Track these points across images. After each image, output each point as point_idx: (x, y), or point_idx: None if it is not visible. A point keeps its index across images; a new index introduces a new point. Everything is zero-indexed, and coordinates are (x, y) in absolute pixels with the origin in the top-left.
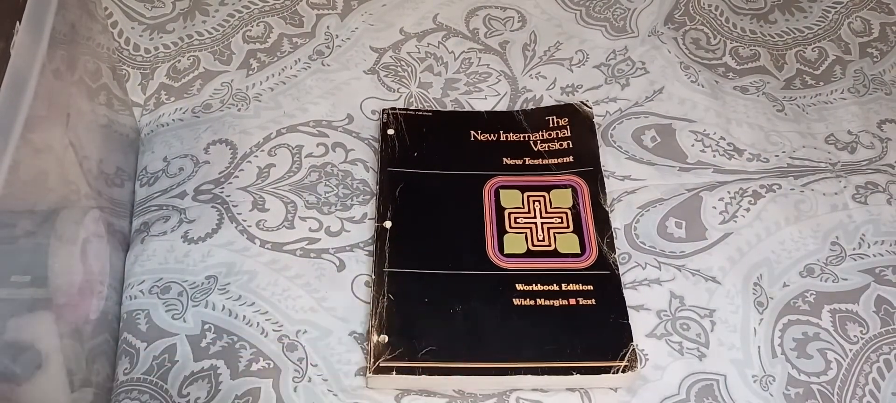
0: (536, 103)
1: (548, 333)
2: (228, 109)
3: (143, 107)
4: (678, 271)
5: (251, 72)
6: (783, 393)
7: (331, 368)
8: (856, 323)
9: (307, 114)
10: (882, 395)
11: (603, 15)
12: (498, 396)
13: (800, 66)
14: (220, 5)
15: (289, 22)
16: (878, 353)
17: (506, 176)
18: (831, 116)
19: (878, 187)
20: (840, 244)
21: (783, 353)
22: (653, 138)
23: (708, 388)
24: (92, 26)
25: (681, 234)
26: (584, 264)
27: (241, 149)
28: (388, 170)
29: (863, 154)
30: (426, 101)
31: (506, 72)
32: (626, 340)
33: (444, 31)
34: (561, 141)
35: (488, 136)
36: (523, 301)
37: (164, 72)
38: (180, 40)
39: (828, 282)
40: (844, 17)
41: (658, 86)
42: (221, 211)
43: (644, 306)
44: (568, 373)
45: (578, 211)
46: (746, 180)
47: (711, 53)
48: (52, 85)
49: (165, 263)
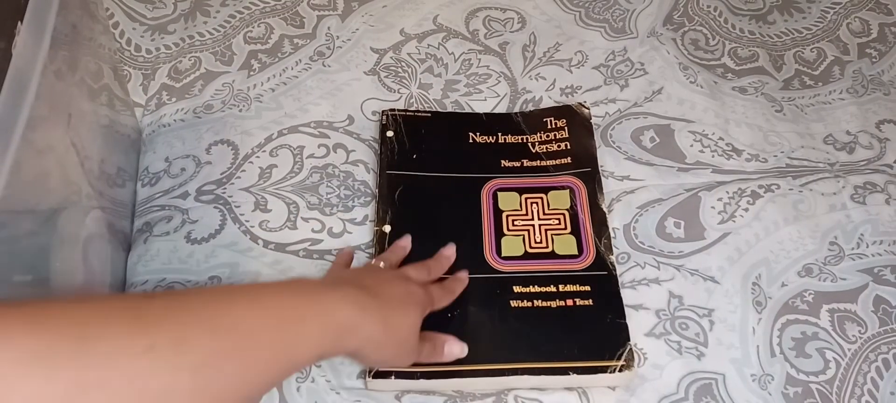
0: (536, 104)
1: (545, 334)
2: (230, 110)
3: (144, 107)
4: (677, 271)
5: (252, 73)
6: (782, 392)
7: (333, 367)
8: (854, 323)
9: (308, 115)
10: (880, 394)
11: (602, 16)
12: (496, 395)
13: (798, 66)
14: (222, 6)
15: (290, 23)
16: (877, 353)
17: (504, 178)
18: (830, 117)
19: (876, 187)
20: (838, 244)
21: (782, 353)
22: (652, 138)
23: (706, 387)
24: (93, 27)
25: (679, 234)
26: (581, 265)
27: (242, 149)
28: (387, 174)
29: (861, 154)
30: (426, 103)
31: (505, 74)
32: (623, 339)
33: (444, 32)
34: (559, 142)
35: (487, 138)
36: (521, 303)
37: (166, 73)
38: (181, 41)
39: (826, 282)
40: (843, 18)
41: (657, 86)
42: (224, 211)
43: (643, 305)
44: (565, 373)
45: (576, 212)
46: (745, 180)
47: (710, 54)
48: (53, 85)
49: (169, 263)
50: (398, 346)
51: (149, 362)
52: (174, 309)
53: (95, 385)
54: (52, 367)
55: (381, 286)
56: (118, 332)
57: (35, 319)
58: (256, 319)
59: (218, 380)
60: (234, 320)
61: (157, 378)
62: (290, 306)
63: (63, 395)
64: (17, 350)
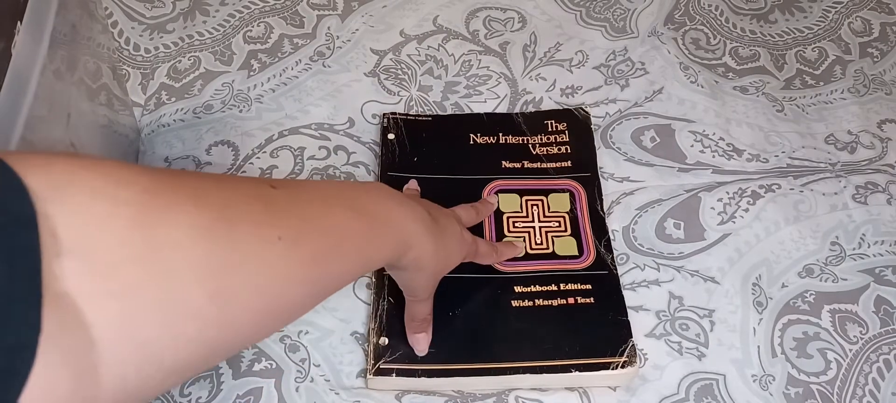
0: (536, 105)
1: (546, 332)
2: (230, 110)
3: (143, 107)
4: (677, 272)
5: (252, 73)
6: (783, 393)
7: (332, 368)
8: (855, 323)
9: (309, 117)
10: (882, 395)
11: (603, 16)
12: (497, 395)
13: (800, 66)
14: (221, 5)
15: (289, 22)
16: (878, 353)
17: (505, 179)
18: (831, 116)
19: (878, 187)
20: (840, 244)
21: (783, 353)
22: (652, 139)
23: (707, 388)
24: (92, 26)
25: (679, 235)
26: (582, 265)
27: (243, 150)
28: (388, 175)
29: (863, 154)
30: (426, 105)
31: (506, 74)
32: (625, 336)
33: (444, 33)
34: (559, 145)
35: (488, 139)
36: (522, 302)
37: (165, 73)
38: (181, 40)
39: (827, 282)
40: (844, 17)
41: (658, 86)
42: None
43: (643, 307)
44: (567, 371)
45: (576, 215)
46: (746, 180)
47: (711, 54)
48: (52, 85)
49: None
50: (434, 277)
51: (277, 251)
52: (294, 204)
53: (238, 264)
54: (212, 241)
55: (440, 214)
56: (256, 219)
57: (199, 197)
58: (351, 222)
59: (324, 272)
60: (335, 221)
61: (282, 267)
62: (374, 214)
63: (220, 267)
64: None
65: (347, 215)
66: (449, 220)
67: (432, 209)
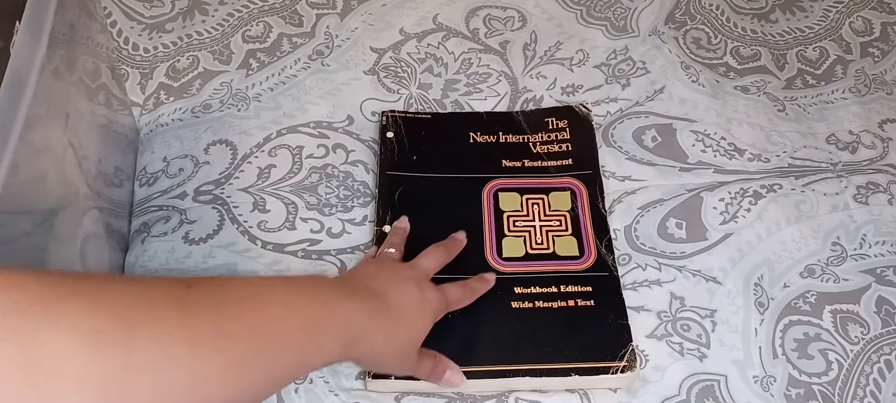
0: (537, 103)
1: (546, 334)
2: (228, 109)
3: (142, 106)
4: (678, 272)
5: (251, 72)
6: (784, 394)
7: (332, 370)
8: (857, 324)
9: (307, 115)
10: (883, 396)
11: (603, 14)
12: (497, 397)
13: (801, 65)
14: (220, 5)
15: (288, 21)
16: (879, 354)
17: (505, 178)
18: (832, 116)
19: (879, 187)
20: (841, 244)
21: (784, 354)
22: (653, 138)
23: (708, 389)
24: (91, 26)
25: (681, 235)
26: (582, 266)
27: (241, 149)
28: (387, 174)
29: (864, 154)
30: (426, 103)
31: (506, 73)
32: (625, 340)
33: (444, 31)
34: (560, 143)
35: (487, 138)
36: (522, 303)
37: (164, 72)
38: (179, 40)
39: (829, 283)
40: (845, 17)
41: (659, 85)
42: (222, 212)
43: (644, 307)
44: (567, 374)
45: (577, 214)
46: (747, 180)
47: (712, 53)
48: (51, 85)
49: (166, 264)
50: (398, 359)
51: (190, 353)
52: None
53: (140, 369)
54: (104, 347)
55: (396, 290)
56: (163, 322)
57: (92, 299)
58: (285, 321)
59: (246, 377)
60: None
61: (196, 370)
62: (312, 313)
63: (111, 375)
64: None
65: (279, 313)
66: (408, 291)
67: (388, 285)
